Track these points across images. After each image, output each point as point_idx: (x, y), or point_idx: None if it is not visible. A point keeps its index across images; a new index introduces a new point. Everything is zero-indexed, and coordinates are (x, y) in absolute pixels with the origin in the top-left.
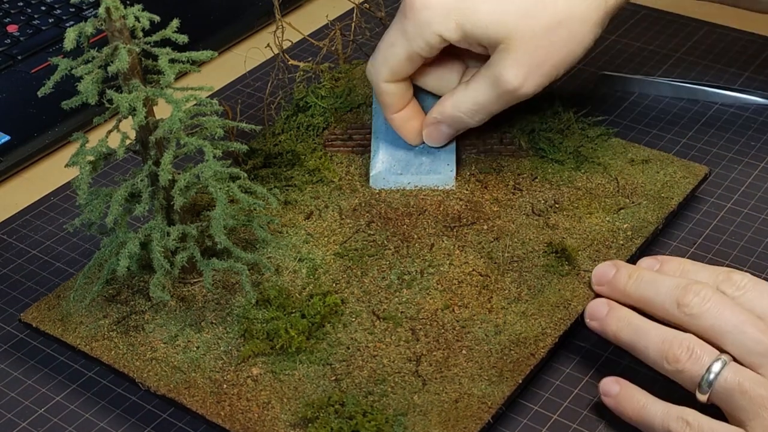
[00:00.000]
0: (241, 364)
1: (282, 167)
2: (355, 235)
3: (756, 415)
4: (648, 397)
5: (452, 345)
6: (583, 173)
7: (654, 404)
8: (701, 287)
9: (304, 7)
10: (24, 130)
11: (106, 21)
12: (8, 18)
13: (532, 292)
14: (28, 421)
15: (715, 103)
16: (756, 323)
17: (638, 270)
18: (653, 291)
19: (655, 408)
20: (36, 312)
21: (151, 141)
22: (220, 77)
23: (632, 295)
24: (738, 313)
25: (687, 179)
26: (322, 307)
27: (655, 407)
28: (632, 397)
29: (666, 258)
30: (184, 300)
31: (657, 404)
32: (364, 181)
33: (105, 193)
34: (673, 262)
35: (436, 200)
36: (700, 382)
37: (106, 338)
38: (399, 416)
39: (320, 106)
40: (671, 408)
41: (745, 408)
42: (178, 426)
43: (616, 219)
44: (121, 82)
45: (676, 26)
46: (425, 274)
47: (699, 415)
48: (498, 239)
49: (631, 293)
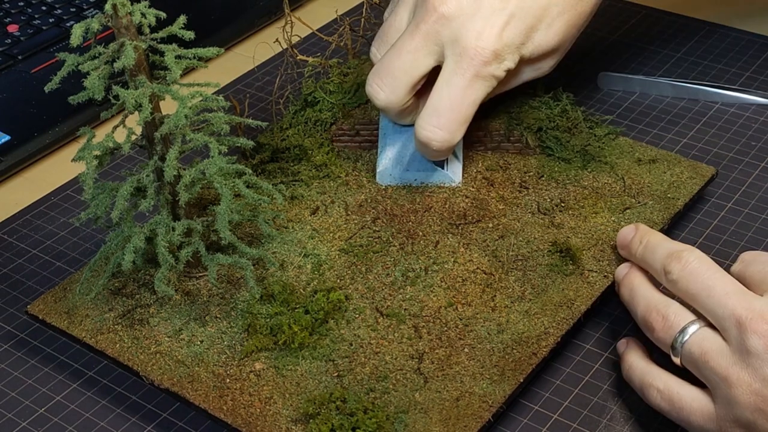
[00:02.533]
0: (244, 359)
1: (289, 162)
2: (360, 231)
3: (716, 384)
4: (636, 356)
5: (455, 343)
6: (589, 172)
7: (635, 370)
8: (687, 253)
9: (311, 2)
10: (24, 129)
11: (113, 17)
12: (9, 18)
13: (536, 291)
14: (29, 420)
15: (715, 103)
16: (727, 286)
17: (648, 235)
18: (651, 258)
19: (635, 373)
20: (42, 304)
21: (157, 137)
22: (224, 75)
23: (640, 262)
24: (710, 277)
25: (694, 180)
26: (326, 303)
27: (635, 373)
28: (624, 361)
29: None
30: (188, 294)
31: (637, 370)
32: (371, 177)
33: (111, 188)
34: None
35: (442, 197)
36: (673, 343)
37: (111, 331)
38: (400, 413)
39: (328, 101)
40: (646, 375)
41: (707, 377)
42: (178, 425)
43: (621, 219)
44: (127, 78)
45: (676, 26)
46: (429, 271)
47: (671, 379)
48: (503, 237)
49: (639, 260)
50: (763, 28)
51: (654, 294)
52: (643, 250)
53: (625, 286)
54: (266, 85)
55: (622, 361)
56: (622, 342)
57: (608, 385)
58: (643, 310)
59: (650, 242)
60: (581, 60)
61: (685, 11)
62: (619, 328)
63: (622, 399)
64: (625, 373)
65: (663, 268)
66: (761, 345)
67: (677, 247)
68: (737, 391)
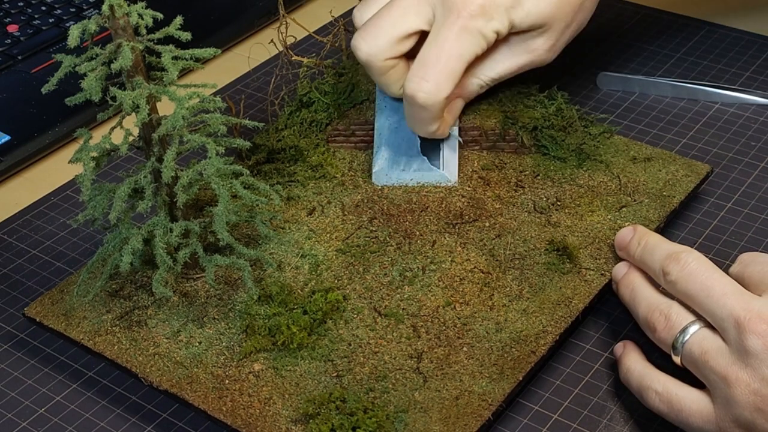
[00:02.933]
0: (243, 360)
1: (285, 163)
2: (357, 232)
3: (716, 384)
4: (633, 359)
5: (453, 342)
6: (585, 171)
7: (632, 372)
8: (686, 255)
9: (308, 5)
10: (24, 129)
11: (110, 18)
12: (8, 18)
13: (534, 289)
14: (29, 420)
15: (715, 103)
16: (725, 287)
17: (646, 236)
18: (650, 259)
19: (632, 376)
20: (40, 306)
21: (155, 138)
22: (223, 76)
23: (639, 263)
24: (708, 278)
25: (689, 177)
26: (324, 304)
27: (633, 375)
28: (621, 364)
29: (638, 226)
30: (186, 296)
31: (635, 372)
32: (367, 177)
33: (108, 189)
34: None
35: (438, 197)
36: (674, 342)
37: (109, 333)
38: (400, 413)
39: (323, 101)
40: (644, 378)
41: (707, 376)
42: (178, 426)
43: (617, 217)
44: (124, 80)
45: (676, 26)
46: (427, 270)
47: (669, 381)
48: (500, 236)
49: (638, 261)
50: (763, 28)
51: (655, 295)
52: (641, 251)
53: (626, 287)
54: (264, 86)
55: (619, 364)
56: (619, 345)
57: (608, 385)
58: (644, 310)
59: (648, 243)
60: (580, 60)
61: (685, 11)
62: (618, 328)
63: (622, 399)
64: (623, 377)
65: (662, 270)
66: (760, 345)
67: (675, 248)
68: (736, 391)
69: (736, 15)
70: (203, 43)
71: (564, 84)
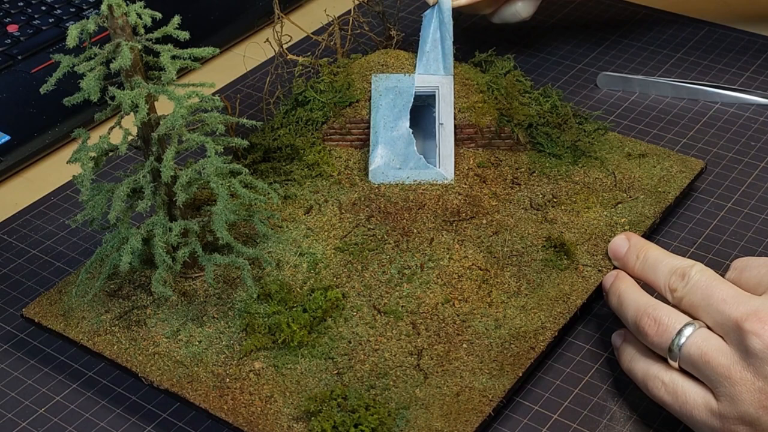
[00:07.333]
0: (243, 359)
1: (281, 161)
2: (355, 230)
3: (719, 383)
4: (635, 353)
5: (453, 339)
6: (580, 167)
7: (638, 360)
8: (690, 269)
9: (304, 6)
10: (24, 129)
11: (109, 18)
12: (8, 18)
13: (532, 286)
14: (28, 420)
15: (715, 103)
16: (723, 293)
17: (644, 249)
18: (653, 275)
19: (638, 364)
20: (38, 307)
21: (154, 137)
22: (221, 76)
23: (639, 277)
24: (708, 286)
25: (683, 173)
26: (324, 302)
27: (638, 363)
28: (625, 351)
29: (632, 235)
30: (185, 295)
31: (641, 361)
32: (363, 175)
33: (107, 189)
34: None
35: (435, 194)
36: (671, 346)
37: (109, 333)
38: (401, 409)
39: (319, 100)
40: (651, 366)
41: (708, 376)
42: (178, 425)
43: (613, 213)
44: (123, 79)
45: (676, 26)
46: (425, 268)
47: (675, 374)
48: (497, 233)
49: (638, 275)
50: (763, 28)
51: (642, 297)
52: (642, 266)
53: (613, 294)
54: (257, 90)
55: (621, 353)
56: (618, 333)
57: (608, 385)
58: (633, 315)
59: (649, 258)
60: (581, 60)
61: (685, 11)
62: (618, 328)
63: (622, 399)
64: (625, 366)
65: (668, 286)
66: (760, 345)
67: (680, 263)
68: (740, 389)
69: (737, 15)
70: (203, 43)
71: (564, 84)
